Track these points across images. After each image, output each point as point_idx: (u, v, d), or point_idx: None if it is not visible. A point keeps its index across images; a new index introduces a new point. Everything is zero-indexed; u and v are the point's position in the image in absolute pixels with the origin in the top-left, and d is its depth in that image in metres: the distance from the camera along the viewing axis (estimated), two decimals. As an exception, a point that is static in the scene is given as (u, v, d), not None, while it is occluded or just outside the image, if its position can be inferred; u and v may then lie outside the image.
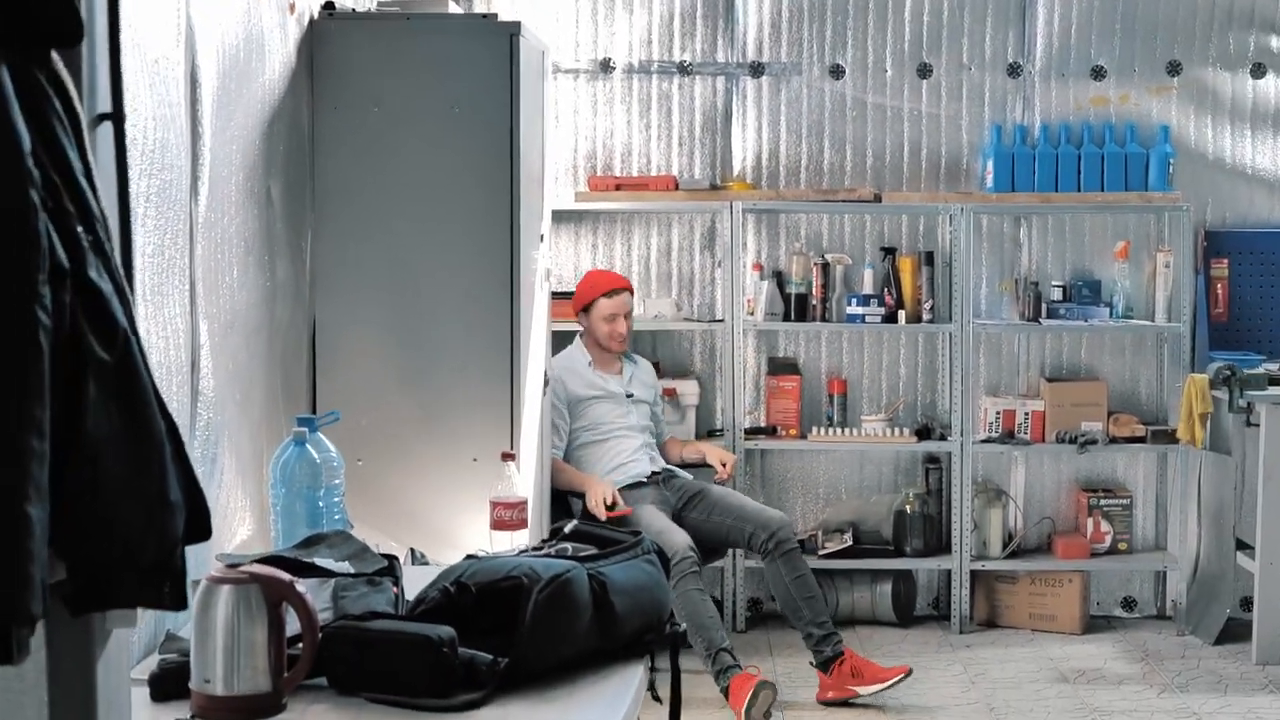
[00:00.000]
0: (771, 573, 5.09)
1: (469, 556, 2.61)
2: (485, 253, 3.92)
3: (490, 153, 3.90)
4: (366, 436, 3.91)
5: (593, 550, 2.59)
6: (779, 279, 6.03)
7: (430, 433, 3.94)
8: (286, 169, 3.77)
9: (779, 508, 5.70)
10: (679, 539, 4.88)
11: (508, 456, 3.24)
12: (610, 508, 4.99)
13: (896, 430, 5.98)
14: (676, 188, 5.92)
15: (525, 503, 3.20)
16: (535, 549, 2.66)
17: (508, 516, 3.18)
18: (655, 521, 4.98)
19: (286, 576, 2.24)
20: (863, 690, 4.99)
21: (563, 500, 5.22)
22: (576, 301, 5.38)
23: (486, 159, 3.90)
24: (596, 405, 5.30)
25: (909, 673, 5.04)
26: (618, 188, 5.92)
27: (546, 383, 4.64)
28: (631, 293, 5.47)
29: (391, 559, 2.68)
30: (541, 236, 4.48)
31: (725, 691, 4.85)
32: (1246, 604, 5.84)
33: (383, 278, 3.94)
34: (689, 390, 5.98)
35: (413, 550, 3.59)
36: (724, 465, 5.44)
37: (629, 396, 5.37)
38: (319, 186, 3.95)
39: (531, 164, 4.19)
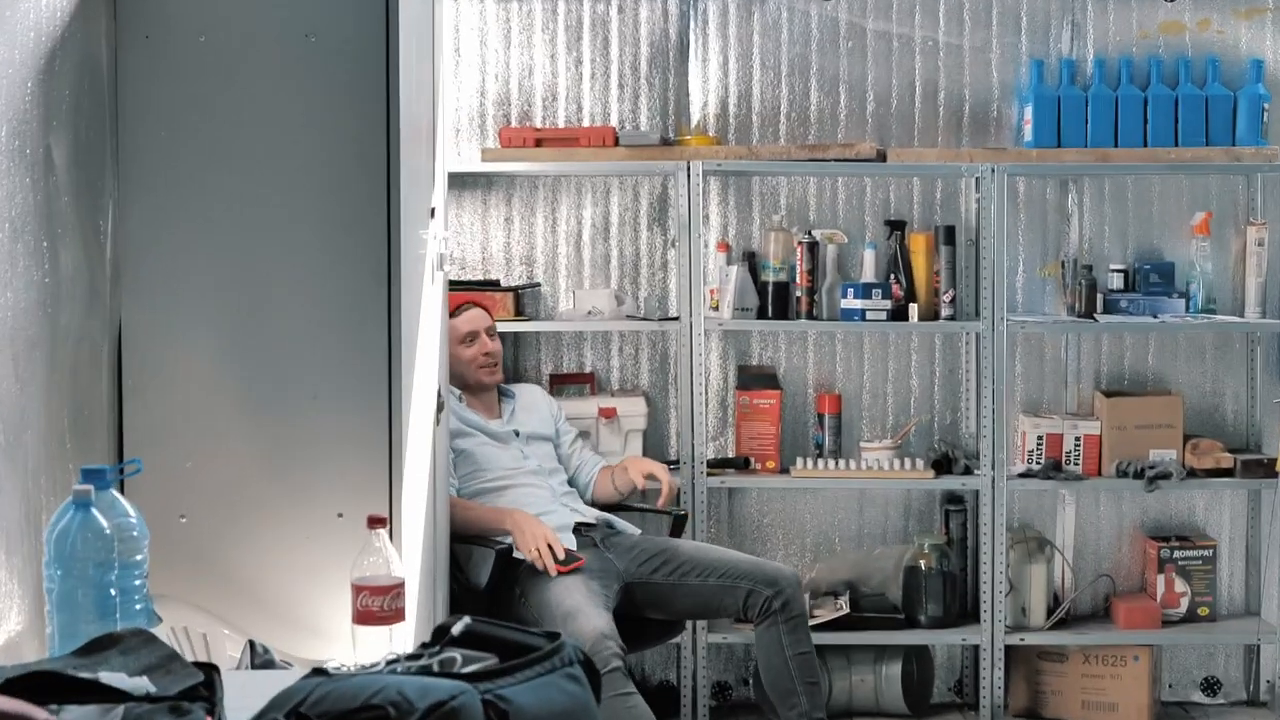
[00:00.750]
0: (768, 642, 5.01)
1: (315, 672, 2.35)
2: (351, 234, 3.74)
3: (358, 98, 3.71)
4: (192, 485, 3.74)
5: (491, 661, 2.35)
6: (752, 263, 5.94)
7: (279, 480, 3.76)
8: (74, 123, 3.57)
9: None
10: (590, 627, 4.70)
11: (376, 522, 2.97)
12: (564, 561, 4.91)
13: (907, 462, 5.89)
14: (616, 143, 5.83)
15: (400, 586, 2.94)
16: (412, 658, 2.41)
17: (377, 606, 2.92)
18: (564, 599, 4.84)
19: (32, 715, 1.96)
20: None
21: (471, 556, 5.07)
22: None
23: (353, 107, 3.71)
24: (479, 449, 5.27)
25: None
26: (538, 143, 5.82)
27: (441, 407, 4.43)
28: (485, 308, 5.49)
29: (210, 671, 2.43)
30: (433, 211, 4.34)
31: None
32: None
33: (212, 271, 3.74)
34: (633, 410, 5.87)
35: (252, 644, 3.38)
36: (658, 480, 5.37)
37: (517, 435, 5.36)
38: (123, 146, 3.75)
39: (417, 113, 4.02)
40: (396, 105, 3.72)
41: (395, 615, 2.94)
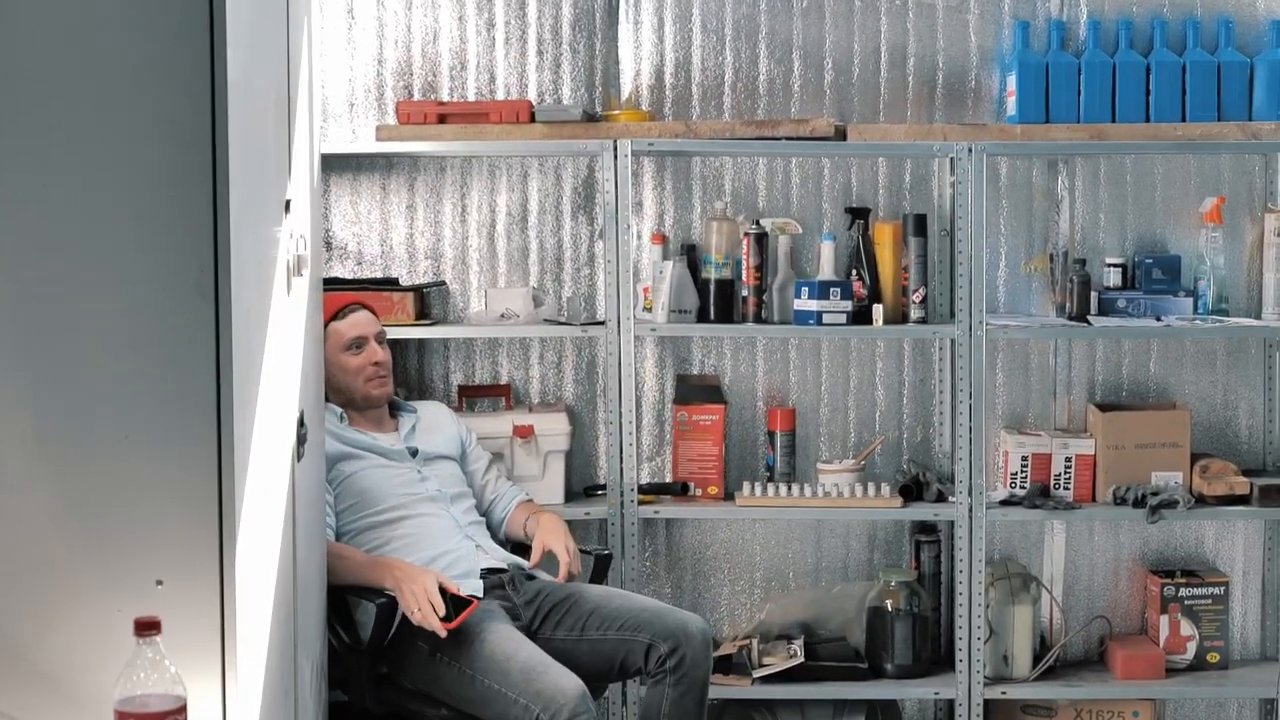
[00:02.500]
0: (648, 704, 4.73)
1: None
2: (167, 236, 3.24)
3: (171, 64, 3.26)
4: None
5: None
6: (691, 258, 5.72)
7: (82, 538, 3.31)
8: None
9: (695, 608, 5.60)
10: (568, 685, 4.40)
11: (145, 628, 2.49)
12: (446, 617, 4.54)
13: (871, 487, 5.66)
14: (533, 119, 5.60)
15: (179, 711, 2.45)
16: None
17: None
18: (514, 652, 4.53)
19: None
20: None
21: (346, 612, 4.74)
22: None
23: (167, 76, 3.26)
24: (365, 474, 4.97)
25: None
26: (442, 119, 5.58)
27: (303, 439, 3.96)
28: (372, 311, 5.23)
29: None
30: (288, 204, 3.91)
31: None
32: None
33: None
34: (555, 428, 5.64)
35: None
36: (566, 555, 5.01)
37: (414, 454, 5.08)
38: None
39: (258, 84, 3.58)
40: (223, 74, 3.22)
41: None
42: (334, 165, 5.57)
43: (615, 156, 5.43)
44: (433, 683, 4.58)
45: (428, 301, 5.57)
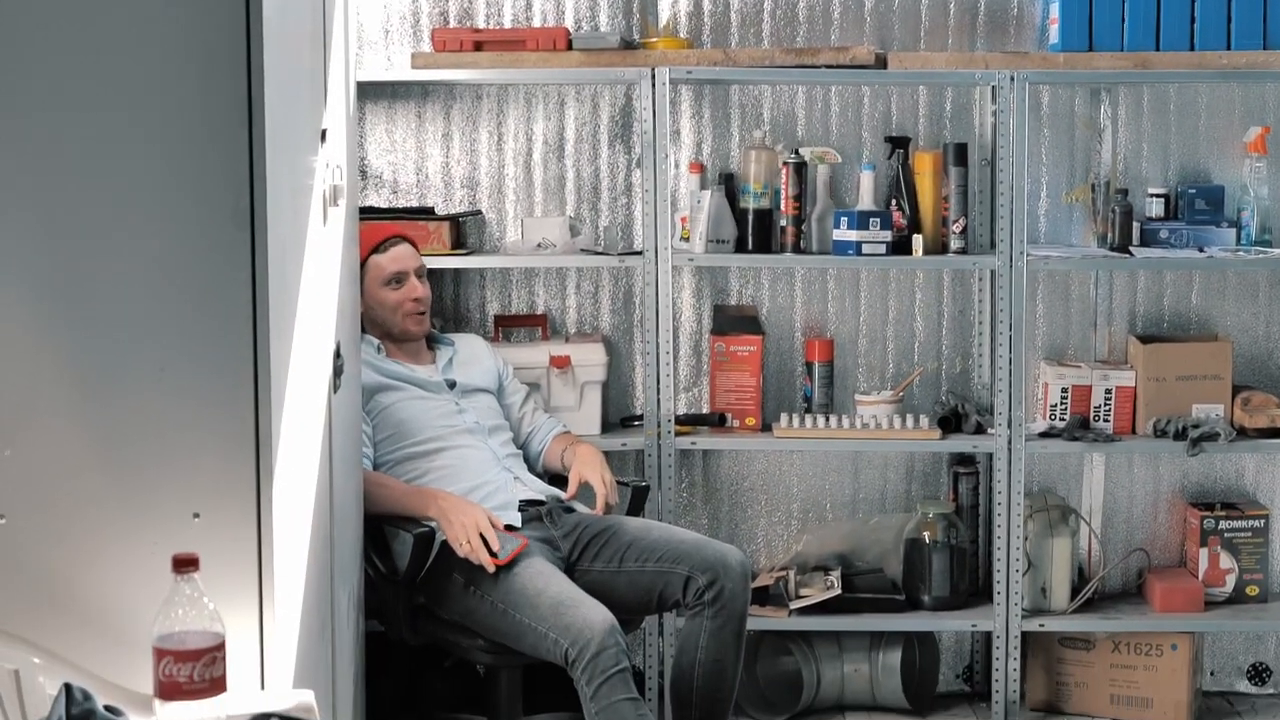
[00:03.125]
0: (687, 636, 4.71)
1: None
2: (202, 165, 3.20)
3: None
4: (10, 478, 3.25)
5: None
6: (729, 187, 5.67)
7: (120, 473, 3.26)
8: None
9: (732, 539, 5.57)
10: (598, 619, 4.37)
11: (184, 564, 2.45)
12: (494, 554, 4.54)
13: (910, 419, 5.62)
14: (569, 47, 5.52)
15: (217, 649, 2.43)
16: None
17: (185, 676, 2.41)
18: (546, 587, 4.49)
19: None
20: None
21: (384, 543, 4.71)
22: None
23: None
24: (403, 405, 4.94)
25: None
26: (478, 47, 5.50)
27: (339, 371, 3.93)
28: (414, 244, 5.18)
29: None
30: (324, 133, 3.85)
31: None
32: None
33: (21, 214, 3.22)
34: (591, 359, 5.58)
35: (69, 690, 2.85)
36: (603, 486, 4.98)
37: (451, 386, 5.04)
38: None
39: (294, 5, 3.52)
40: (258, 1, 3.17)
41: (210, 687, 2.44)
42: (369, 93, 5.51)
43: (654, 85, 5.35)
44: (467, 615, 4.56)
45: (463, 231, 5.52)
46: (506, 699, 4.80)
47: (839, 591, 5.50)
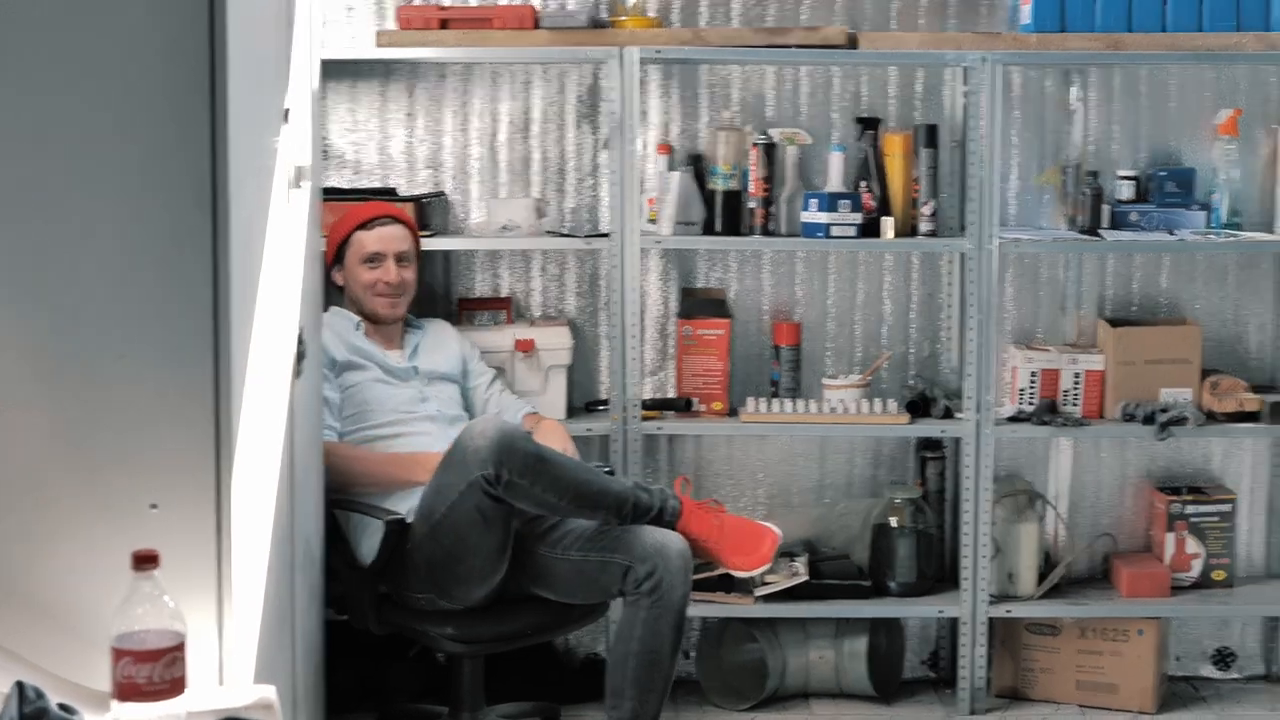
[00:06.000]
0: (623, 623, 4.62)
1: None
2: (162, 144, 3.09)
3: None
4: None
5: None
6: (698, 169, 5.61)
7: (76, 461, 3.15)
8: None
9: None
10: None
11: (143, 561, 2.35)
12: None
13: (878, 403, 5.57)
14: (536, 25, 5.46)
15: (177, 649, 2.32)
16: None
17: (144, 678, 2.31)
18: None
19: None
20: None
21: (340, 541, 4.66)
22: (326, 249, 5.15)
23: None
24: (368, 386, 4.93)
25: None
26: (444, 24, 5.42)
27: (302, 355, 3.84)
28: (409, 227, 5.15)
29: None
30: (286, 112, 3.74)
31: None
32: None
33: None
34: (557, 343, 5.52)
35: (21, 688, 2.74)
36: None
37: (415, 371, 5.02)
38: None
39: None
40: (221, -26, 3.07)
41: (169, 688, 2.33)
42: (331, 72, 5.37)
43: (622, 64, 5.28)
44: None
45: (427, 212, 5.39)
46: (469, 687, 4.74)
47: (805, 578, 5.44)
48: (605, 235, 5.39)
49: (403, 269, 5.00)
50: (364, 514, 4.59)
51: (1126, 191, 5.60)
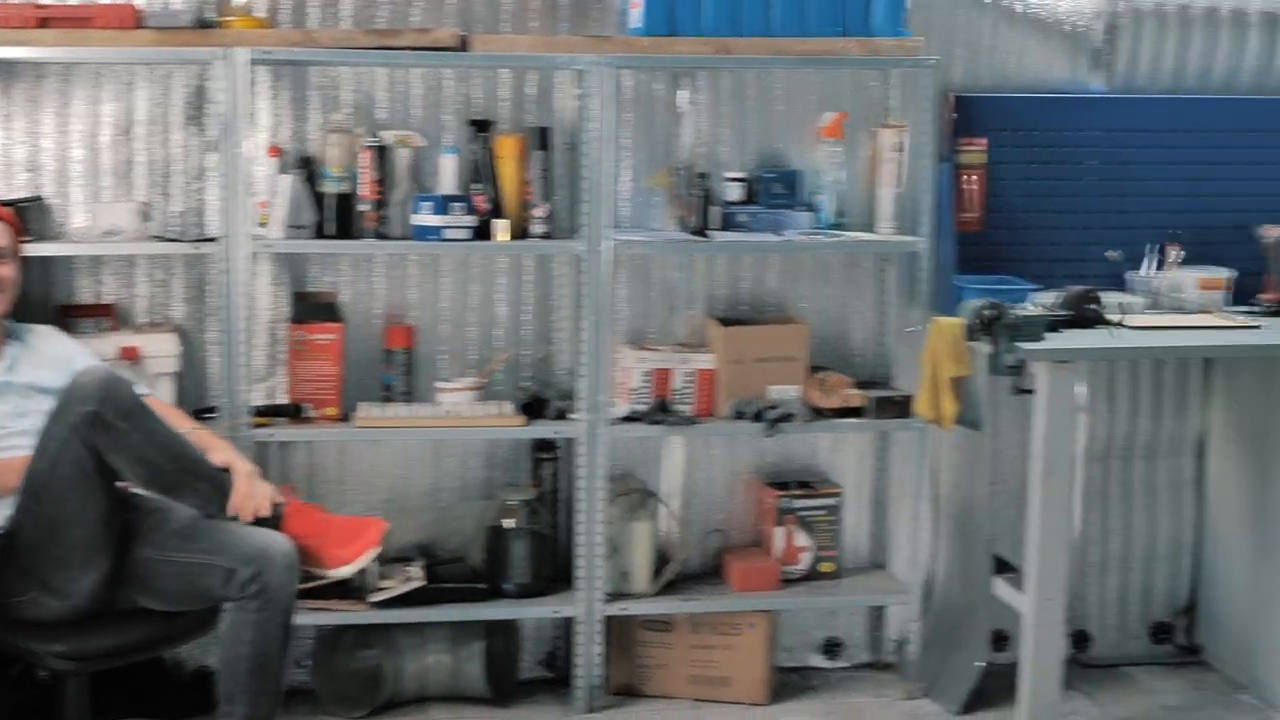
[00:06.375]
0: (232, 626, 4.58)
1: None
2: None
3: None
4: None
5: None
6: (309, 171, 5.53)
7: None
8: None
9: None
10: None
11: None
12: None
13: (492, 405, 5.62)
14: (140, 25, 5.29)
15: None
16: None
17: None
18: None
19: None
20: None
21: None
22: None
23: None
24: None
25: None
26: (42, 23, 5.22)
27: None
28: (6, 221, 4.93)
29: None
30: None
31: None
32: (999, 643, 5.93)
33: None
34: (163, 350, 5.43)
35: None
36: None
37: (9, 386, 4.84)
38: None
39: None
40: None
41: None
42: (-81, 72, 5.24)
43: (230, 67, 5.18)
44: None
45: (24, 217, 5.17)
46: (74, 706, 4.65)
47: (421, 582, 5.46)
48: (213, 240, 5.31)
49: (7, 268, 4.84)
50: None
51: (735, 193, 5.71)
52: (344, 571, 4.72)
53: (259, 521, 4.62)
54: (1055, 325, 5.31)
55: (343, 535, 4.72)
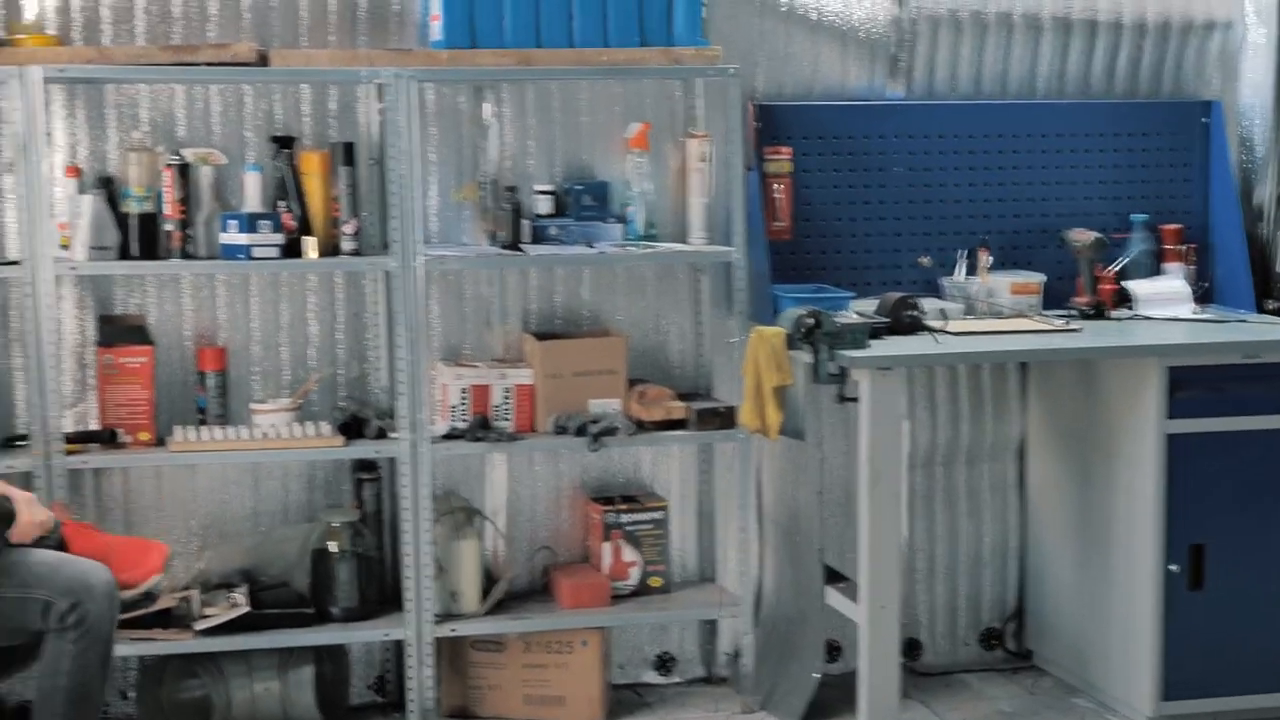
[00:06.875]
0: (49, 658, 4.44)
1: None
2: None
3: None
4: None
5: None
6: (110, 191, 5.43)
7: None
8: None
9: None
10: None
11: None
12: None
13: (310, 425, 5.58)
14: None
15: None
16: None
17: None
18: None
19: None
20: None
21: None
22: None
23: None
24: None
25: None
26: None
27: None
28: None
29: None
30: None
31: None
32: (834, 653, 6.04)
33: None
34: None
35: None
36: None
37: None
38: None
39: None
40: None
41: None
42: None
43: (24, 85, 5.10)
44: None
45: None
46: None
47: (246, 609, 5.37)
48: (15, 263, 5.21)
49: None
50: None
51: (545, 206, 5.71)
52: (129, 595, 4.63)
53: (39, 543, 4.50)
54: (876, 332, 5.35)
55: (126, 558, 4.62)
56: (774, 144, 5.90)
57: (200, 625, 5.28)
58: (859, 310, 5.52)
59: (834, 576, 5.62)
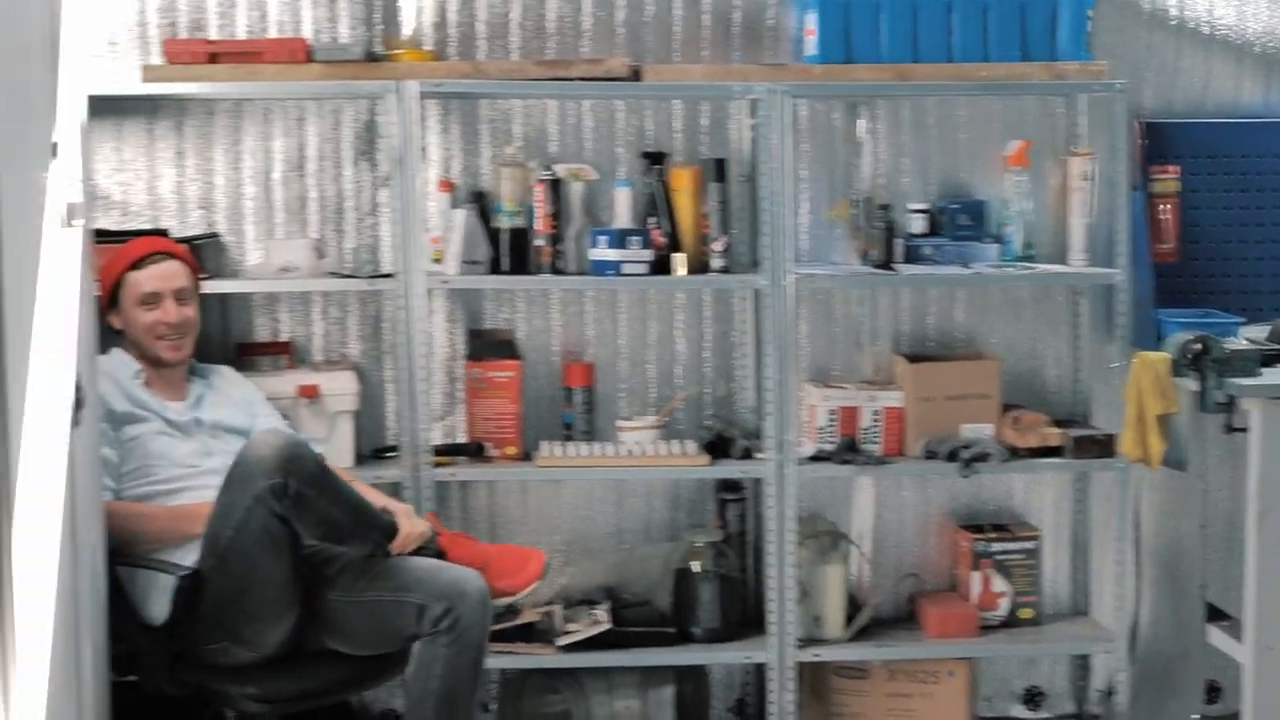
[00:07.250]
0: (421, 662, 4.54)
1: None
2: None
3: None
4: None
5: None
6: (482, 206, 5.50)
7: None
8: None
9: None
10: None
11: None
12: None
13: (675, 444, 5.54)
14: (310, 59, 5.36)
15: None
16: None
17: None
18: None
19: None
20: None
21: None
22: (102, 293, 4.88)
23: None
24: (150, 439, 4.76)
25: None
26: (213, 58, 5.31)
27: (80, 404, 3.73)
28: (185, 261, 4.97)
29: None
30: (55, 147, 3.63)
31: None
32: (1213, 694, 5.84)
33: None
34: (341, 388, 5.42)
35: None
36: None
37: (198, 424, 4.86)
38: None
39: (15, 15, 3.29)
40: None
41: None
42: (96, 109, 5.20)
43: (400, 99, 5.20)
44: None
45: (201, 255, 5.24)
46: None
47: (608, 626, 5.40)
48: (389, 276, 5.31)
49: (183, 307, 4.85)
50: (154, 570, 4.47)
51: (918, 225, 5.62)
52: (504, 601, 4.72)
53: (418, 553, 4.61)
54: (1268, 360, 5.15)
55: (505, 565, 4.68)
56: (1161, 162, 5.73)
57: (562, 641, 5.33)
58: (1249, 336, 5.31)
59: (1216, 614, 5.40)
